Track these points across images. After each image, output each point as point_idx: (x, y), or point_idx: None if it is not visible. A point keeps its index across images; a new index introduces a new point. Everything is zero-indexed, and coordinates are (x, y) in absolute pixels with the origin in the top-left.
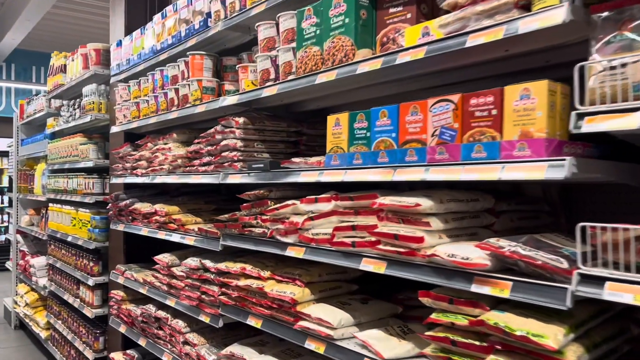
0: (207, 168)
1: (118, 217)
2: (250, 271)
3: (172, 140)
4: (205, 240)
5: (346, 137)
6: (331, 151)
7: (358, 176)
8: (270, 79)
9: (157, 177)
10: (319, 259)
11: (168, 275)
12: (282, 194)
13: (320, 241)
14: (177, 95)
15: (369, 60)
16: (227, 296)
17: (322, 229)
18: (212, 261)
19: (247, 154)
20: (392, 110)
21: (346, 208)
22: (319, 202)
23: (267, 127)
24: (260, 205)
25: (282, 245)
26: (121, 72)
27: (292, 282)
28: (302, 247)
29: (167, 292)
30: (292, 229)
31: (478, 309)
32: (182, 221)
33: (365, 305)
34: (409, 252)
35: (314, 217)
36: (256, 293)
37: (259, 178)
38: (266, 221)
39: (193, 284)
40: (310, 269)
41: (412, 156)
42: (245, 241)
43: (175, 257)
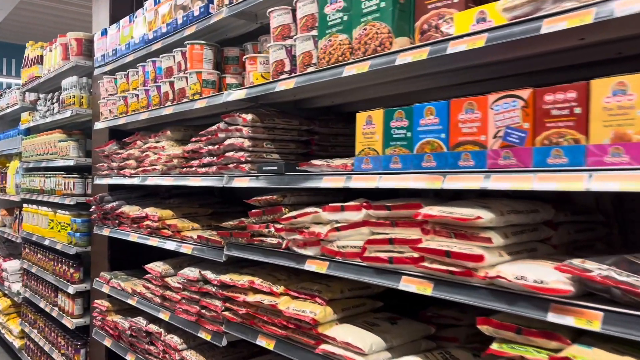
0: (208, 169)
1: (103, 220)
2: (260, 285)
3: (166, 138)
4: (206, 250)
5: (381, 138)
6: (361, 153)
7: (397, 182)
8: (285, 71)
9: (149, 178)
10: (347, 275)
11: (161, 287)
12: (296, 199)
13: (348, 255)
14: (172, 89)
15: (411, 49)
16: (233, 312)
17: (350, 241)
18: (214, 272)
19: (256, 155)
20: (440, 107)
21: (380, 218)
22: (346, 210)
23: (278, 125)
24: (273, 212)
25: (299, 258)
26: (106, 64)
27: (311, 299)
28: (324, 260)
29: (160, 305)
30: (312, 240)
31: (555, 341)
32: (178, 227)
33: (395, 326)
34: (465, 272)
35: (340, 228)
36: (268, 310)
37: (271, 182)
38: (281, 230)
39: (191, 297)
40: (330, 284)
41: (467, 160)
42: (254, 252)
43: (169, 267)
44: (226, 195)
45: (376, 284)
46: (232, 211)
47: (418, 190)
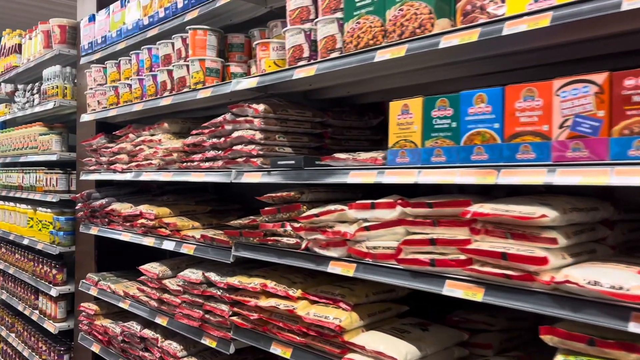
0: (213, 164)
1: (90, 219)
2: (273, 289)
3: (162, 131)
4: (211, 250)
5: (419, 129)
6: (396, 146)
7: (440, 177)
8: (303, 58)
9: (143, 174)
10: (378, 278)
11: (159, 289)
12: (314, 196)
13: (379, 256)
14: (170, 78)
15: (458, 31)
16: (242, 317)
17: (381, 242)
18: (219, 275)
19: (268, 148)
20: (494, 95)
21: (419, 217)
22: (377, 208)
23: (291, 116)
24: (290, 210)
25: (321, 260)
26: (95, 52)
27: (334, 303)
28: (351, 262)
29: (157, 309)
30: (337, 240)
31: (635, 353)
32: (178, 226)
33: (426, 333)
34: (524, 277)
35: (370, 227)
36: (284, 316)
37: (287, 177)
38: (300, 230)
39: (193, 300)
40: (354, 288)
41: (526, 153)
42: (267, 253)
43: (166, 268)
44: (222, 192)
45: (414, 288)
46: (230, 209)
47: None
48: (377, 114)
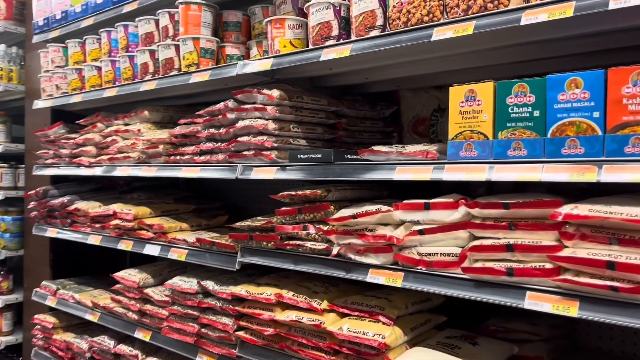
0: (210, 158)
1: (47, 219)
2: (292, 300)
3: (141, 120)
4: (209, 256)
5: (491, 117)
6: (459, 137)
7: (520, 174)
8: (332, 36)
9: (118, 168)
10: (435, 289)
11: (140, 300)
12: (340, 195)
13: (436, 265)
14: (153, 60)
15: (544, 5)
16: (252, 333)
17: (439, 248)
18: (218, 283)
19: (282, 140)
20: (592, 79)
21: (489, 219)
22: (433, 208)
23: (306, 104)
24: (315, 211)
25: (357, 268)
26: (52, 29)
27: (370, 317)
28: (398, 271)
29: (137, 322)
30: (379, 245)
31: None
32: (164, 228)
33: (477, 348)
34: (637, 289)
35: (425, 231)
36: (307, 331)
37: (311, 173)
38: (330, 233)
39: (187, 313)
40: (391, 298)
41: (636, 146)
42: (284, 259)
43: (147, 275)
44: (193, 188)
45: (485, 300)
46: (210, 207)
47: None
48: (389, 104)
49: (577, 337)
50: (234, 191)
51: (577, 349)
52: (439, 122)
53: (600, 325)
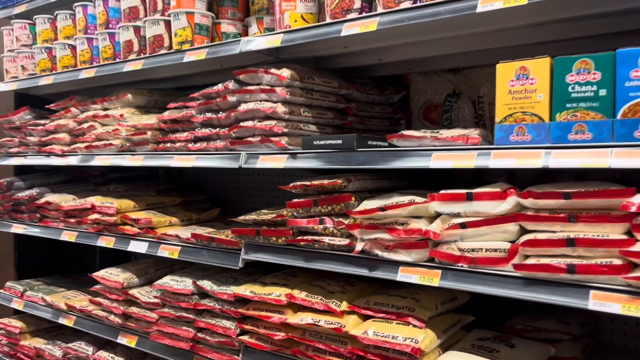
0: (207, 145)
1: (12, 213)
2: (305, 300)
3: (123, 104)
4: (207, 253)
5: (547, 97)
6: (508, 120)
7: (582, 160)
8: (354, 9)
9: (97, 157)
10: (481, 289)
11: (124, 302)
12: (360, 185)
13: (481, 261)
14: (138, 37)
15: None
16: (258, 337)
17: (483, 242)
18: (217, 283)
19: (292, 125)
20: None
21: (545, 210)
22: (477, 199)
23: (316, 85)
24: (334, 202)
25: (384, 266)
26: (17, 4)
27: (398, 319)
28: (434, 269)
29: (121, 326)
30: (412, 241)
31: None
32: (153, 223)
33: (515, 351)
34: None
35: (468, 224)
36: (325, 335)
37: (329, 161)
38: (353, 227)
39: (180, 316)
40: (418, 298)
41: None
42: (296, 256)
43: (131, 275)
44: (172, 178)
45: (541, 301)
46: (195, 200)
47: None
48: (397, 88)
49: (600, 334)
50: (218, 183)
51: (602, 348)
52: (453, 108)
53: (625, 321)
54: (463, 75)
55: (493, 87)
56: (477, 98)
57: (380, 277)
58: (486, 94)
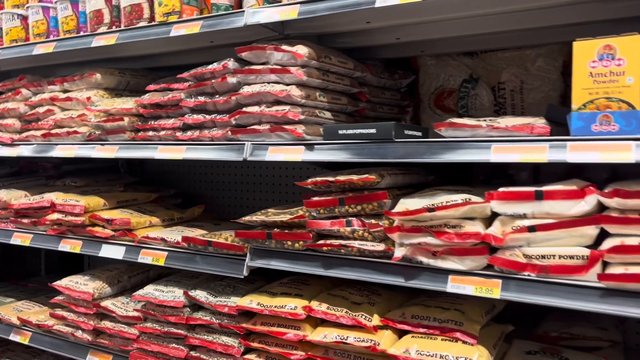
0: (201, 134)
1: None
2: (328, 314)
3: (90, 86)
4: (202, 259)
5: (637, 81)
6: (589, 107)
7: None
8: None
9: (57, 147)
10: (551, 301)
11: (95, 316)
12: (392, 180)
13: (554, 270)
14: (109, 7)
15: None
16: (269, 357)
17: (554, 248)
18: (212, 294)
19: (308, 112)
20: None
21: (630, 212)
22: (548, 198)
23: (333, 66)
24: (364, 201)
25: (426, 274)
26: None
27: (443, 334)
28: (493, 278)
29: (91, 343)
30: (467, 247)
31: None
32: (132, 224)
33: None
34: None
35: (537, 227)
36: (352, 354)
37: (358, 154)
38: (393, 230)
39: (168, 332)
40: (462, 309)
41: None
42: (313, 262)
43: (102, 284)
44: (133, 171)
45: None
46: (166, 195)
47: None
48: (406, 72)
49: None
50: (184, 175)
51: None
52: (469, 95)
53: None
54: (481, 59)
55: (517, 73)
56: (497, 84)
57: (424, 288)
58: (508, 80)
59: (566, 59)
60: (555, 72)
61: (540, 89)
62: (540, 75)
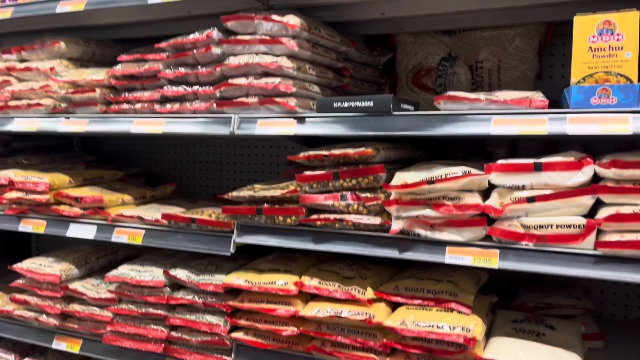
0: (182, 107)
1: None
2: (321, 289)
3: (53, 55)
4: (183, 237)
5: (635, 55)
6: (588, 80)
7: None
8: None
9: (16, 120)
10: (548, 269)
11: (62, 299)
12: (386, 155)
13: (551, 239)
14: None
15: None
16: (257, 334)
17: (552, 218)
18: (194, 272)
19: (300, 85)
20: None
21: (625, 181)
22: (547, 169)
23: (321, 39)
24: (359, 175)
25: (424, 246)
26: None
27: (438, 305)
28: (491, 248)
29: (58, 328)
30: (465, 218)
31: None
32: (104, 202)
33: (557, 332)
34: None
35: (537, 198)
36: (346, 328)
37: (354, 127)
38: (391, 203)
39: (146, 312)
40: (454, 280)
41: None
42: (304, 236)
43: (69, 265)
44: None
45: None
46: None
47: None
48: (384, 49)
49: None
50: (144, 154)
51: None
52: (447, 73)
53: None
54: (459, 38)
55: (494, 52)
56: (475, 63)
57: (422, 260)
58: (486, 59)
59: (542, 40)
60: (531, 52)
61: (517, 68)
62: (518, 55)
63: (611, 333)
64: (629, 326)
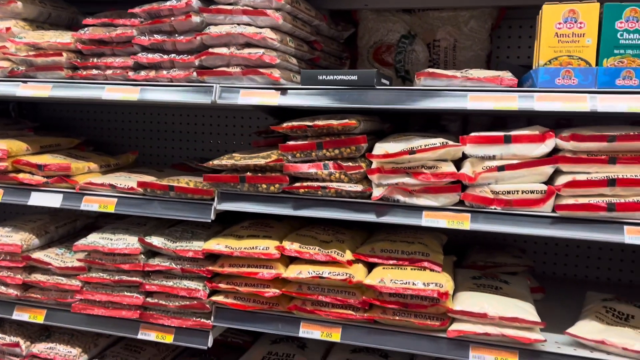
0: (157, 74)
1: None
2: (302, 252)
3: (7, 15)
4: (160, 204)
5: (595, 43)
6: (554, 62)
7: (629, 104)
8: None
9: None
10: (515, 229)
11: (22, 270)
12: (366, 126)
13: (517, 203)
14: None
15: None
16: (238, 297)
17: (518, 185)
18: (170, 239)
19: (282, 57)
20: None
21: (581, 152)
22: (515, 141)
23: (300, 12)
24: (342, 145)
25: (406, 212)
26: None
27: (412, 264)
28: (462, 212)
29: (18, 299)
30: (441, 185)
31: None
32: (72, 169)
33: (512, 285)
34: None
35: (506, 167)
36: (326, 288)
37: (338, 100)
38: (373, 171)
39: (119, 280)
40: (424, 241)
41: None
42: (284, 203)
43: (29, 235)
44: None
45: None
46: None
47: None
48: (347, 25)
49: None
50: (85, 122)
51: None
52: (406, 50)
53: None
54: (419, 17)
55: (451, 32)
56: (433, 41)
57: (400, 224)
58: (443, 38)
59: (494, 22)
60: (485, 34)
61: (471, 48)
62: (472, 36)
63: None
64: (561, 282)
